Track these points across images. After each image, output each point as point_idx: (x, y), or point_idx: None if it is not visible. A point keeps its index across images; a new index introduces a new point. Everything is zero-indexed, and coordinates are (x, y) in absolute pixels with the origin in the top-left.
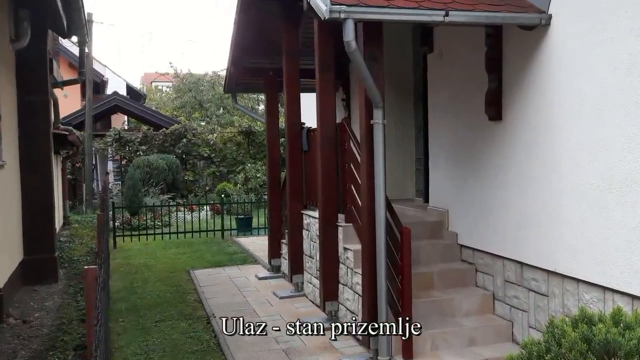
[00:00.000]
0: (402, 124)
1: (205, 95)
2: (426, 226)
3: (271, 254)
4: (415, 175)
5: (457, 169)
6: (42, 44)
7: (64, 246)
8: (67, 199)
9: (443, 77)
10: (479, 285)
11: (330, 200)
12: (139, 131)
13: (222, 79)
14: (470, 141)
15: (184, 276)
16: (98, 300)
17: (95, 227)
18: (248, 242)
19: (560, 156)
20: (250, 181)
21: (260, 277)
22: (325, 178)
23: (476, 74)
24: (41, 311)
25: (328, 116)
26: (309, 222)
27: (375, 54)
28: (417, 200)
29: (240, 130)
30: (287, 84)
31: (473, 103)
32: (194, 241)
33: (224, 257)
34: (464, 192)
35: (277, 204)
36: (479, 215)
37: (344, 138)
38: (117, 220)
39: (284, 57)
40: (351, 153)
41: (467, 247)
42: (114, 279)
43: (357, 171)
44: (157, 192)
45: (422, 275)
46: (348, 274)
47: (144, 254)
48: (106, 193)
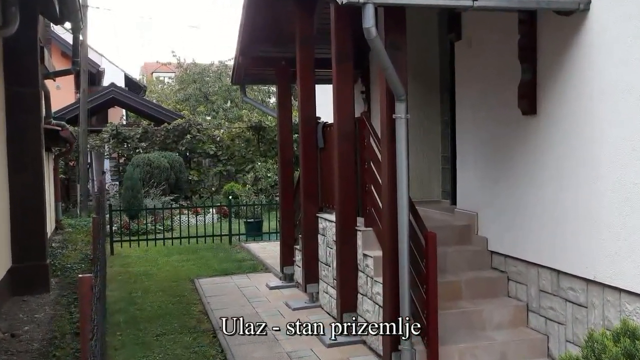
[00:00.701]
0: (427, 118)
1: (211, 87)
2: (453, 231)
3: (283, 261)
4: (441, 174)
5: (487, 168)
6: (32, 30)
7: (56, 252)
8: (60, 200)
9: (472, 67)
10: (511, 295)
11: (348, 202)
12: (139, 126)
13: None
14: (502, 137)
15: (187, 285)
16: (94, 311)
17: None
18: (258, 248)
19: (601, 154)
20: (260, 181)
21: (272, 286)
22: (342, 178)
23: (508, 64)
24: (31, 324)
25: (346, 110)
26: (324, 226)
27: (398, 42)
28: (443, 203)
29: (249, 125)
30: (301, 75)
31: (505, 96)
32: (198, 247)
33: (231, 264)
34: (495, 193)
35: (289, 207)
36: (511, 219)
37: (364, 134)
38: (115, 224)
39: (297, 45)
40: (371, 150)
41: (498, 254)
42: (111, 288)
43: (377, 170)
44: (158, 193)
45: (448, 284)
46: (368, 283)
47: (144, 261)
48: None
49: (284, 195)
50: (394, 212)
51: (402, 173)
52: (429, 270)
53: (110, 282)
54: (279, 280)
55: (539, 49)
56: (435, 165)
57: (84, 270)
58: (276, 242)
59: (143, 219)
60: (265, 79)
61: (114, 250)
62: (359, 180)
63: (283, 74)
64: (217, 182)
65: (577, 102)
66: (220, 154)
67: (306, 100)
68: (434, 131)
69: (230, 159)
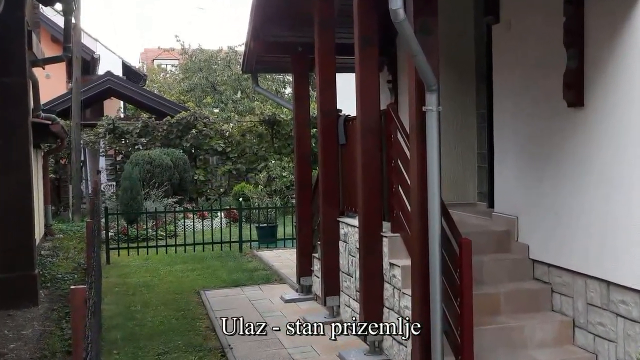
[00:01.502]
0: (462, 111)
1: (219, 76)
2: (491, 237)
3: (300, 271)
4: (477, 174)
5: (529, 167)
6: (19, 12)
7: (45, 261)
8: (50, 203)
9: (511, 53)
10: (555, 309)
11: (372, 205)
12: (138, 120)
13: (240, 56)
14: (546, 132)
15: (193, 298)
16: (87, 327)
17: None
18: (272, 256)
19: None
20: (274, 182)
21: (287, 299)
22: (366, 178)
23: (552, 49)
24: (18, 341)
25: (370, 102)
26: (346, 231)
27: (429, 26)
28: (479, 205)
29: (262, 119)
30: (320, 63)
31: (549, 85)
32: (205, 255)
33: (242, 274)
34: (538, 194)
35: (307, 210)
36: (555, 224)
37: (390, 128)
38: (111, 230)
39: (316, 28)
40: (399, 147)
41: (540, 263)
42: (108, 301)
43: (405, 169)
44: (159, 194)
45: (486, 297)
46: (395, 296)
47: (143, 271)
48: (97, 196)
49: (300, 197)
50: (424, 216)
51: (434, 172)
52: (464, 281)
53: (106, 294)
54: (295, 292)
55: (587, 33)
56: (471, 163)
57: (76, 281)
58: (292, 249)
59: (143, 224)
60: (279, 67)
61: (110, 258)
62: (385, 181)
63: (300, 61)
64: (225, 183)
65: (630, 93)
66: (229, 151)
67: (326, 91)
68: (469, 125)
69: (240, 156)
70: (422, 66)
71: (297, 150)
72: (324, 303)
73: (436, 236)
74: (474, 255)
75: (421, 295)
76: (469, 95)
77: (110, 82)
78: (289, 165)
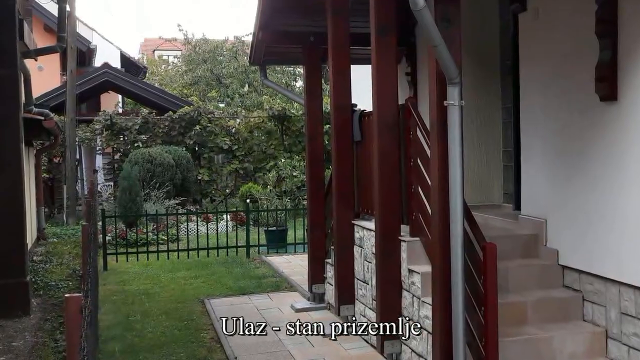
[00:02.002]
0: (486, 105)
1: (225, 68)
2: (517, 241)
3: (312, 278)
4: (502, 173)
5: (558, 166)
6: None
7: (38, 268)
8: (43, 205)
9: (539, 44)
10: (586, 319)
11: (390, 207)
12: (138, 115)
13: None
14: (577, 128)
15: (197, 307)
16: (83, 339)
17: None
18: (281, 262)
19: None
20: (284, 182)
21: (298, 308)
22: (383, 178)
23: (583, 39)
24: (8, 354)
25: (388, 96)
26: (362, 235)
27: (451, 14)
28: (505, 207)
29: (271, 114)
30: (334, 53)
31: (579, 78)
32: (210, 261)
33: (249, 282)
34: (568, 195)
35: (319, 212)
36: (586, 227)
37: (409, 124)
38: (109, 234)
39: (329, 17)
40: (418, 144)
41: (570, 269)
42: (105, 310)
43: (426, 168)
44: (161, 196)
45: (511, 306)
46: (414, 305)
47: (144, 278)
48: (94, 197)
49: (312, 199)
50: (445, 218)
51: (456, 172)
52: (488, 289)
53: (104, 303)
54: (306, 300)
55: (621, 22)
56: (496, 162)
57: (71, 289)
58: (303, 255)
59: (143, 227)
60: (290, 59)
61: (108, 264)
62: (404, 181)
63: (312, 52)
64: (232, 183)
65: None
66: (235, 149)
67: (340, 84)
68: (493, 121)
69: (248, 154)
70: (444, 57)
71: (308, 148)
72: (337, 312)
73: (458, 240)
74: (499, 260)
75: (442, 304)
76: (493, 88)
77: (107, 75)
78: (300, 164)
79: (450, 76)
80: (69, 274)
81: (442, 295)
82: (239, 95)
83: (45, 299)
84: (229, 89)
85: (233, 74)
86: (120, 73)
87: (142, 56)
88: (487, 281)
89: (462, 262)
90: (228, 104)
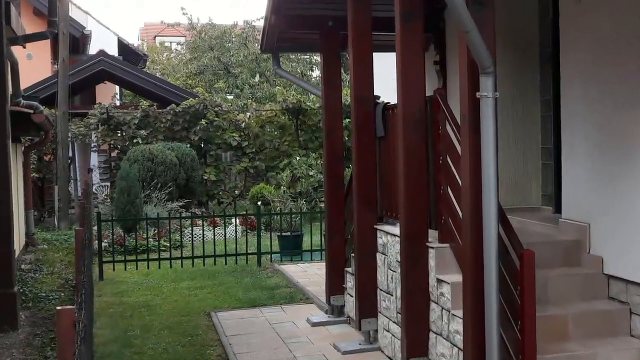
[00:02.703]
0: (523, 97)
1: (233, 56)
2: (557, 248)
3: (330, 289)
4: (541, 173)
5: (603, 165)
6: None
7: (26, 277)
8: (32, 208)
9: (582, 29)
10: (634, 334)
11: (416, 210)
12: (137, 108)
13: (259, 33)
14: (623, 122)
15: (202, 321)
16: (76, 356)
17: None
18: (296, 271)
19: None
20: (299, 182)
21: (315, 322)
22: (409, 177)
23: (630, 24)
24: None
25: (414, 86)
26: (385, 241)
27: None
28: (544, 210)
29: (284, 107)
30: (354, 40)
31: (627, 67)
32: (217, 270)
33: (261, 293)
34: (614, 197)
35: (338, 216)
36: (635, 232)
37: (438, 119)
38: (105, 240)
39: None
40: (448, 141)
41: (617, 279)
42: (101, 325)
43: (456, 167)
44: (163, 197)
45: (551, 319)
46: (443, 318)
47: (144, 289)
48: (89, 199)
49: (330, 201)
50: (478, 223)
51: (489, 171)
52: (525, 300)
53: (100, 316)
54: (324, 313)
55: None
56: (533, 160)
57: (63, 300)
58: (320, 263)
59: (143, 233)
60: (305, 46)
61: (104, 273)
62: (432, 181)
63: (330, 38)
64: (241, 183)
65: None
66: (245, 146)
67: (361, 74)
68: (531, 115)
69: (259, 152)
70: (476, 44)
71: (326, 144)
72: (358, 327)
73: (492, 247)
74: (538, 269)
75: (474, 318)
76: (531, 79)
77: (103, 63)
78: (317, 163)
79: (483, 65)
80: (61, 284)
81: (474, 307)
82: (249, 86)
83: (34, 312)
84: (238, 79)
85: (242, 62)
86: (118, 61)
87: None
88: (524, 292)
89: (497, 270)
90: (237, 96)
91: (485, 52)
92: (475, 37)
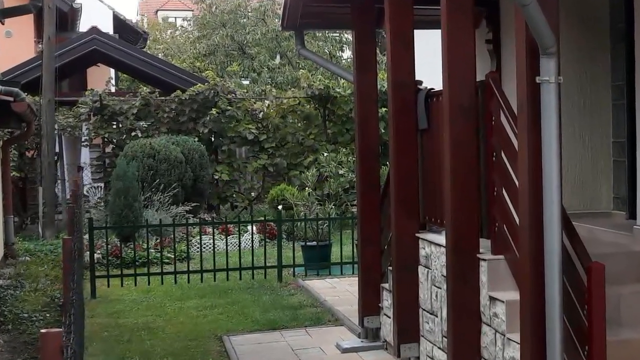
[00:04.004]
0: (590, 83)
1: (249, 35)
2: (633, 260)
3: (364, 309)
4: (612, 171)
5: None
6: None
7: (5, 295)
8: (12, 213)
9: None
10: None
11: (465, 216)
12: (136, 96)
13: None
14: None
15: (213, 347)
16: None
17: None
18: (324, 287)
19: None
20: (327, 182)
21: (345, 347)
22: (457, 177)
23: None
24: None
25: (462, 70)
26: (428, 252)
27: None
28: (615, 216)
29: (310, 94)
30: (392, 15)
31: None
32: (230, 286)
33: (282, 313)
34: None
35: (373, 223)
36: None
37: (490, 108)
38: (98, 250)
39: None
40: (502, 133)
41: None
42: (93, 351)
43: (512, 165)
44: (166, 201)
45: (625, 344)
46: (497, 343)
47: (144, 309)
48: (78, 203)
49: (364, 205)
50: (538, 231)
51: (552, 169)
52: (594, 322)
53: (91, 340)
54: (356, 337)
55: None
56: (604, 156)
57: (49, 322)
58: (352, 278)
59: (143, 242)
60: (335, 22)
61: (97, 290)
62: (483, 181)
63: (363, 12)
64: (259, 184)
65: None
66: (264, 140)
67: (400, 55)
68: (601, 103)
69: (279, 147)
70: (536, 20)
71: (359, 138)
72: (397, 353)
73: (555, 259)
74: (609, 285)
75: (534, 343)
76: (600, 61)
77: (96, 43)
78: (348, 160)
79: (544, 45)
80: (46, 303)
81: (533, 330)
82: (267, 69)
83: (15, 336)
84: (254, 61)
85: (260, 41)
86: (113, 40)
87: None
88: (592, 312)
89: (560, 287)
90: (254, 81)
91: (546, 29)
92: (535, 11)
